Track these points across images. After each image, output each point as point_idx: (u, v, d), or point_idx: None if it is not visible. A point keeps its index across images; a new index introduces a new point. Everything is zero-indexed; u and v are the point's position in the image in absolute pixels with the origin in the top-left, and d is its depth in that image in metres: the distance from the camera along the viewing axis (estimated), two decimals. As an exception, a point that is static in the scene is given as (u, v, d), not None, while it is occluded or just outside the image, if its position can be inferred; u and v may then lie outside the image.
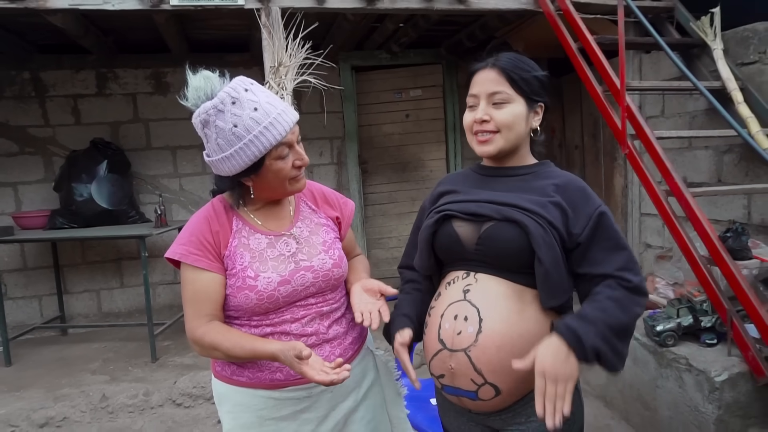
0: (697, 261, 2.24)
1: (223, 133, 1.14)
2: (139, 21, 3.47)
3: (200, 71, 1.18)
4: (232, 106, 1.13)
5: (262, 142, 1.15)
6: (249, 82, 1.19)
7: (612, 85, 2.68)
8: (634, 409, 2.53)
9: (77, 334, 4.18)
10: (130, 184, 4.21)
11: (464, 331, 1.13)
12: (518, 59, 1.21)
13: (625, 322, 1.09)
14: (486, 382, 1.11)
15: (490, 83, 1.19)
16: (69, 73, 4.27)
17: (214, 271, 1.23)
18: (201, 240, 1.24)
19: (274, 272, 1.23)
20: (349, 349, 1.34)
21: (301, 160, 1.23)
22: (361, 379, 1.38)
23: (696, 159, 3.22)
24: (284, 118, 1.17)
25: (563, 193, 1.17)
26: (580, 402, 1.21)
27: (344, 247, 1.43)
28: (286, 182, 1.23)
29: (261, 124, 1.14)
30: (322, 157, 4.83)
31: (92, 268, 4.44)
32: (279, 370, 1.25)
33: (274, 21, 2.92)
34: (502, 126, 1.19)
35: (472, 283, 1.17)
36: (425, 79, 5.06)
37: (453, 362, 1.14)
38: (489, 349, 1.11)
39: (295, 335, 1.25)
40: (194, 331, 1.22)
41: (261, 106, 1.15)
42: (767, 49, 2.76)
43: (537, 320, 1.15)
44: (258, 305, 1.22)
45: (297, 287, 1.25)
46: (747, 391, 2.06)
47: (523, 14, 3.44)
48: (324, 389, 1.27)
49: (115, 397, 3.00)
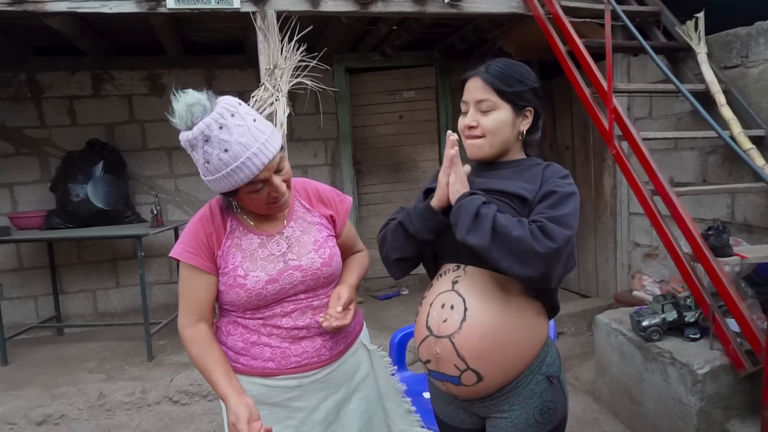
0: (681, 258, 2.31)
1: (199, 163, 1.20)
2: (135, 23, 3.51)
3: (183, 96, 1.17)
4: (204, 143, 1.16)
5: (230, 181, 1.19)
6: (230, 113, 1.16)
7: (600, 88, 2.75)
8: (621, 403, 2.60)
9: (73, 334, 4.21)
10: (126, 184, 4.24)
11: (450, 318, 1.20)
12: (507, 67, 1.27)
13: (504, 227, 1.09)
14: (468, 367, 1.18)
15: (477, 91, 1.27)
16: (65, 75, 4.30)
17: (205, 270, 1.30)
18: (196, 240, 1.31)
19: (263, 271, 1.29)
20: (341, 342, 1.40)
21: (276, 192, 1.25)
22: (353, 371, 1.44)
23: (682, 159, 3.30)
24: (254, 161, 1.17)
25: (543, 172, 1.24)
26: (563, 394, 1.27)
27: (342, 244, 1.48)
28: (263, 207, 1.29)
29: (228, 166, 1.16)
30: (316, 157, 4.88)
31: (88, 268, 4.47)
32: (271, 359, 1.32)
33: (269, 24, 2.97)
34: (487, 131, 1.26)
35: (461, 275, 1.24)
36: (418, 81, 5.12)
37: (438, 348, 1.21)
38: (472, 336, 1.17)
39: (286, 329, 1.32)
40: (183, 329, 1.32)
41: (231, 147, 1.15)
42: (749, 53, 2.84)
43: (522, 312, 1.21)
44: (248, 302, 1.30)
45: (285, 285, 1.31)
46: (728, 383, 2.13)
47: (513, 18, 3.51)
48: (314, 380, 1.35)
49: (112, 395, 3.04)
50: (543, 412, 1.22)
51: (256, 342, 1.33)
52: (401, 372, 2.24)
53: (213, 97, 1.19)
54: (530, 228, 1.10)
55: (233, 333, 1.35)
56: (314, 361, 1.34)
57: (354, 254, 1.59)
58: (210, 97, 1.18)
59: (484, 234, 1.10)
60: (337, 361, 1.39)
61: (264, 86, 2.93)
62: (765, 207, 2.78)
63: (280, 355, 1.32)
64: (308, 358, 1.34)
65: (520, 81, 1.27)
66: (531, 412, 1.21)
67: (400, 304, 4.49)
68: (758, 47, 2.78)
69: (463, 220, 1.14)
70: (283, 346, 1.32)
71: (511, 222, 1.11)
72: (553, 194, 1.17)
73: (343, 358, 1.40)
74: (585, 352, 3.54)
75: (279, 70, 2.93)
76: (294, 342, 1.33)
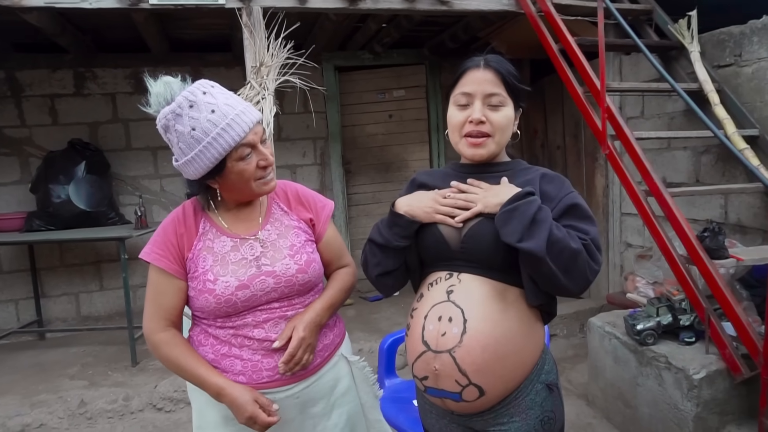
0: (676, 260, 2.27)
1: (183, 137, 1.15)
2: (117, 19, 3.42)
3: (160, 77, 1.18)
4: (189, 109, 1.14)
5: (220, 143, 1.15)
6: (209, 84, 1.19)
7: (592, 86, 2.70)
8: (615, 408, 2.56)
9: (55, 339, 4.10)
10: (109, 185, 4.14)
11: (449, 332, 1.13)
12: (506, 63, 1.22)
13: (562, 240, 1.07)
14: (470, 383, 1.11)
15: (488, 84, 1.18)
16: (46, 73, 4.19)
17: (173, 274, 1.24)
18: (165, 241, 1.25)
19: (233, 276, 1.22)
20: (317, 356, 1.31)
21: (265, 160, 1.22)
22: (332, 386, 1.36)
23: (675, 159, 3.27)
24: (242, 118, 1.17)
25: (539, 181, 1.19)
26: (561, 402, 1.22)
27: (325, 251, 1.40)
28: (251, 183, 1.23)
29: (218, 125, 1.14)
30: (305, 157, 4.80)
31: (71, 271, 4.35)
32: (242, 373, 1.24)
33: (255, 20, 2.89)
34: (497, 129, 1.19)
35: (455, 284, 1.17)
36: (408, 79, 5.06)
37: (437, 363, 1.13)
38: (474, 349, 1.11)
39: (258, 340, 1.24)
40: (152, 335, 1.26)
41: (218, 108, 1.15)
42: (742, 52, 2.81)
43: (521, 319, 1.15)
44: (217, 308, 1.22)
45: (256, 292, 1.24)
46: (724, 388, 2.09)
47: (505, 15, 3.46)
48: (288, 395, 1.27)
49: (94, 402, 2.95)
50: (544, 423, 1.16)
51: (227, 354, 1.25)
52: (391, 379, 2.18)
53: (189, 80, 1.21)
54: (584, 244, 1.10)
55: (204, 344, 1.28)
56: (288, 375, 1.26)
57: (338, 269, 1.46)
58: (187, 80, 1.20)
59: (541, 242, 1.06)
60: (313, 375, 1.31)
61: (250, 84, 2.86)
62: (758, 208, 2.75)
63: (251, 369, 1.24)
64: None
65: (517, 78, 1.22)
66: (531, 423, 1.15)
67: (391, 305, 4.42)
68: (752, 46, 2.75)
69: (516, 224, 1.07)
70: (255, 359, 1.24)
71: (564, 233, 1.09)
72: (576, 207, 1.16)
73: (320, 372, 1.32)
74: (577, 354, 3.50)
75: (265, 68, 2.86)
76: (267, 355, 1.25)
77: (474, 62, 1.21)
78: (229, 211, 1.31)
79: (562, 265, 1.07)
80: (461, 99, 1.20)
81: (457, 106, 1.21)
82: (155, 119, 1.19)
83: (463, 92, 1.20)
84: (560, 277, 1.07)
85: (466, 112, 1.19)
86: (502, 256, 1.14)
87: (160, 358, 1.26)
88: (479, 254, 1.16)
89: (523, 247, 1.06)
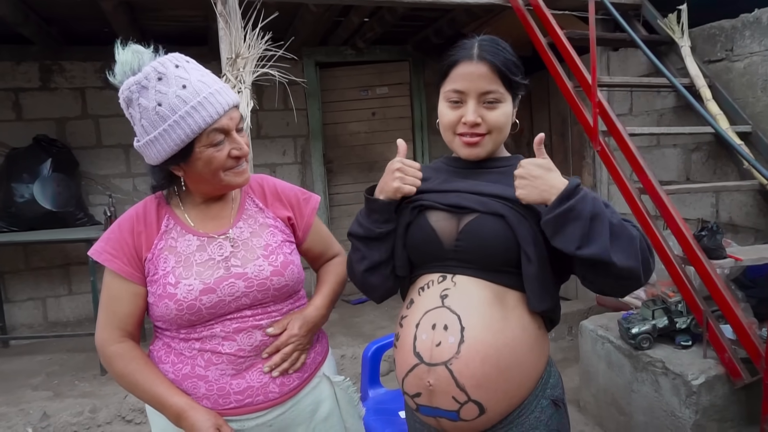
0: (672, 260, 2.18)
1: (146, 112, 1.00)
2: (84, 9, 3.22)
3: (130, 45, 1.03)
4: (157, 82, 1.00)
5: (189, 123, 1.00)
6: (184, 59, 1.05)
7: (583, 81, 2.61)
8: (608, 414, 2.46)
9: (19, 346, 3.88)
10: (77, 184, 3.94)
11: (444, 341, 1.00)
12: (502, 48, 1.08)
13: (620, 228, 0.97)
14: (469, 399, 0.98)
15: (482, 81, 1.04)
16: (9, 65, 3.96)
17: (127, 278, 1.09)
18: (120, 240, 1.10)
19: (197, 279, 1.07)
20: (295, 378, 1.16)
21: (239, 149, 1.07)
22: (312, 410, 1.20)
23: (664, 157, 3.20)
24: (218, 98, 1.03)
25: None
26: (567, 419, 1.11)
27: (311, 249, 1.28)
28: (220, 173, 1.08)
29: (188, 103, 1.00)
30: (285, 156, 4.65)
31: (37, 275, 4.13)
32: (206, 397, 1.09)
33: (230, 9, 2.74)
34: (494, 128, 1.07)
35: (450, 287, 1.04)
36: (392, 76, 4.93)
37: (432, 378, 1.00)
38: (473, 361, 0.98)
39: (227, 355, 1.09)
40: (104, 346, 1.10)
41: (191, 83, 1.01)
42: (734, 47, 2.75)
43: (523, 327, 1.03)
44: (179, 316, 1.07)
45: (224, 297, 1.08)
46: (724, 394, 2.00)
47: (491, 9, 3.36)
48: (260, 423, 1.12)
49: (58, 415, 2.76)
50: None
51: (189, 374, 1.09)
52: (375, 389, 2.05)
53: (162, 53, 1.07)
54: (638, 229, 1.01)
55: (164, 361, 1.12)
56: (260, 400, 1.11)
57: (329, 261, 1.35)
58: (159, 53, 1.07)
59: (604, 243, 0.93)
60: (290, 400, 1.15)
61: (225, 77, 2.71)
62: (751, 206, 2.69)
63: (217, 392, 1.09)
64: (252, 396, 1.10)
65: (516, 64, 1.08)
66: None
67: (374, 308, 4.29)
68: (743, 40, 2.68)
69: (574, 228, 0.93)
70: (222, 381, 1.09)
71: (619, 218, 0.98)
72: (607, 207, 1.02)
73: (298, 396, 1.17)
74: (566, 357, 3.41)
75: (242, 60, 2.71)
76: (236, 375, 1.09)
77: (466, 52, 1.07)
78: (197, 206, 1.16)
79: (626, 251, 0.95)
80: (453, 96, 1.07)
81: (449, 102, 1.08)
82: (110, 80, 1.04)
83: (455, 89, 1.06)
84: (632, 269, 0.95)
85: (458, 111, 1.07)
86: (501, 255, 1.02)
87: (113, 373, 1.10)
88: (476, 253, 1.03)
89: (583, 255, 0.93)
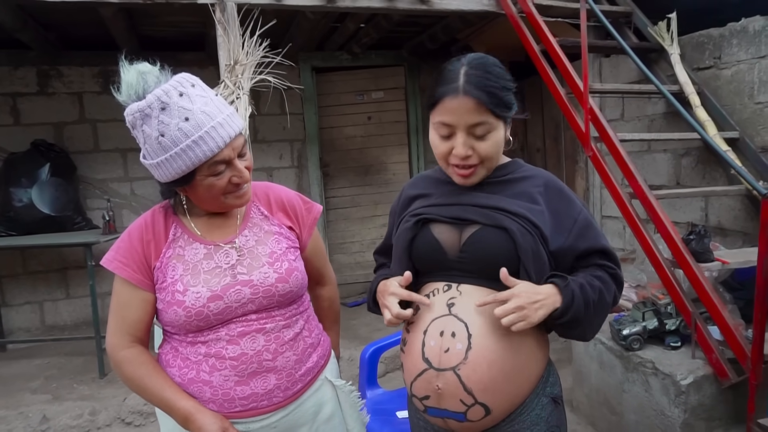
0: (661, 263, 2.24)
1: (149, 140, 1.04)
2: (83, 15, 3.26)
3: (136, 64, 1.05)
4: (161, 112, 1.02)
5: (189, 156, 1.03)
6: (189, 83, 1.06)
7: (575, 88, 2.67)
8: (600, 414, 2.52)
9: (18, 350, 3.89)
10: (75, 188, 3.96)
11: (452, 348, 1.05)
12: (489, 72, 1.05)
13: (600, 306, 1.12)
14: (476, 402, 1.04)
15: (469, 114, 1.03)
16: (7, 70, 3.99)
17: (137, 285, 1.13)
18: (130, 249, 1.14)
19: (205, 286, 1.11)
20: (299, 382, 1.20)
21: (240, 177, 1.10)
22: (315, 412, 1.24)
23: (655, 162, 3.26)
24: (219, 132, 1.04)
25: (545, 195, 1.12)
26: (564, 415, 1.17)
27: (308, 259, 1.31)
28: (220, 197, 1.12)
29: (189, 137, 1.02)
30: (282, 160, 4.69)
31: (34, 279, 4.15)
32: (211, 401, 1.13)
33: (229, 17, 2.79)
34: (485, 158, 1.08)
35: (455, 296, 1.09)
36: (387, 81, 4.99)
37: (440, 382, 1.05)
38: (480, 366, 1.03)
39: (231, 359, 1.13)
40: (115, 351, 1.14)
41: (193, 115, 1.02)
42: (722, 54, 2.81)
43: (526, 331, 1.07)
44: (187, 322, 1.11)
45: (231, 303, 1.12)
46: (711, 393, 2.06)
47: (485, 16, 3.42)
48: (264, 425, 1.16)
49: (58, 418, 2.79)
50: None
51: (195, 379, 1.13)
52: (373, 390, 2.09)
53: (169, 72, 1.07)
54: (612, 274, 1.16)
55: (171, 365, 1.16)
56: (264, 404, 1.15)
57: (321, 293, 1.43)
58: (165, 72, 1.07)
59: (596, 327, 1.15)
60: (294, 402, 1.19)
61: (224, 83, 2.75)
62: (739, 210, 2.75)
63: (222, 397, 1.13)
64: (256, 401, 1.14)
65: (505, 87, 1.06)
66: None
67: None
68: (731, 48, 2.75)
69: (582, 329, 1.12)
70: (227, 386, 1.12)
71: (599, 291, 1.11)
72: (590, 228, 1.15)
73: (301, 398, 1.21)
74: (559, 359, 3.45)
75: (240, 66, 2.75)
76: (240, 381, 1.13)
77: (452, 87, 1.04)
78: (203, 216, 1.20)
79: (597, 329, 1.15)
80: (442, 129, 1.07)
81: (440, 137, 1.09)
82: (125, 120, 1.07)
83: (444, 123, 1.06)
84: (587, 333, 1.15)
85: (449, 143, 1.08)
86: (503, 266, 1.06)
87: (123, 377, 1.14)
88: (479, 264, 1.08)
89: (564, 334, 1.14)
